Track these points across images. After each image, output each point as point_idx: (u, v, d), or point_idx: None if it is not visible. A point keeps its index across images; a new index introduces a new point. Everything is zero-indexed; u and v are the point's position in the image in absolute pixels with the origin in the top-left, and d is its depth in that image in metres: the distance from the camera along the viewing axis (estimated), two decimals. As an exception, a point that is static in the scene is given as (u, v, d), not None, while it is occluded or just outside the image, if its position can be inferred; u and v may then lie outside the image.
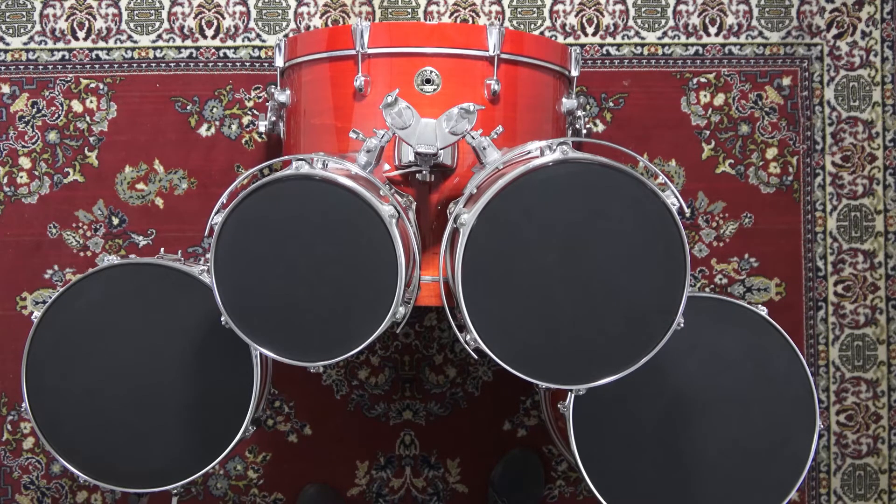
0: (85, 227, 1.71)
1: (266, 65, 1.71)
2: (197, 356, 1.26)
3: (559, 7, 1.72)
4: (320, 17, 1.72)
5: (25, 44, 1.71)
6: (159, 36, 1.71)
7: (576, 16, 1.72)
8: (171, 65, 1.71)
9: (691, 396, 1.28)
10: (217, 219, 1.07)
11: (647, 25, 1.72)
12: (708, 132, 1.72)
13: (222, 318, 1.08)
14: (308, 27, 1.72)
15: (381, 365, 1.73)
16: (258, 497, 1.73)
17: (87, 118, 1.71)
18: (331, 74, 1.33)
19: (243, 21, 1.72)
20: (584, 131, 1.55)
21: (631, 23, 1.72)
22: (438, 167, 1.22)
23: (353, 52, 1.27)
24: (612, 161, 1.04)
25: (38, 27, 1.71)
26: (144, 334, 1.27)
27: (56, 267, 1.71)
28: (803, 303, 1.73)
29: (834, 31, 1.73)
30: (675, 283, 1.06)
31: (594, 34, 1.72)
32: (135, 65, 1.71)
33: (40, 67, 1.71)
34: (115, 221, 1.71)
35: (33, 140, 1.71)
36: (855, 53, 1.73)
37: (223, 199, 1.14)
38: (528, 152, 1.14)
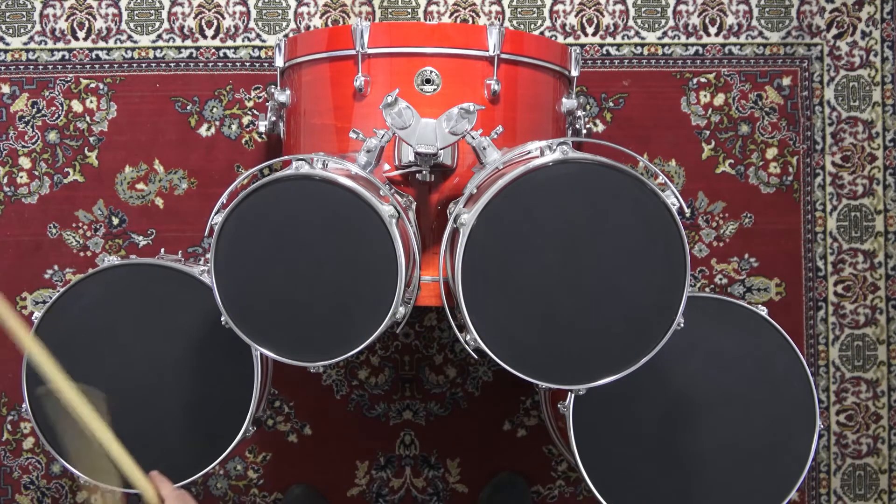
0: (85, 227, 1.71)
1: (266, 65, 1.71)
2: (197, 356, 1.26)
3: (559, 7, 1.72)
4: (320, 17, 1.72)
5: (25, 44, 1.71)
6: (159, 36, 1.71)
7: (576, 16, 1.72)
8: (171, 65, 1.71)
9: (691, 396, 1.28)
10: (217, 219, 1.07)
11: (647, 25, 1.72)
12: (708, 132, 1.72)
13: (222, 319, 1.08)
14: (308, 27, 1.72)
15: (381, 365, 1.73)
16: (258, 497, 1.73)
17: (87, 118, 1.71)
18: (331, 74, 1.33)
19: (243, 21, 1.72)
20: (584, 131, 1.55)
21: (631, 23, 1.72)
22: (438, 167, 1.22)
23: (353, 52, 1.27)
24: (612, 161, 1.04)
25: (38, 27, 1.71)
26: (145, 335, 1.27)
27: (56, 267, 1.71)
28: (803, 303, 1.73)
29: (834, 31, 1.73)
30: (675, 283, 1.06)
31: (594, 34, 1.72)
32: (135, 65, 1.71)
33: (40, 67, 1.71)
34: (115, 221, 1.71)
35: (33, 140, 1.71)
36: (855, 53, 1.73)
37: (223, 199, 1.14)
38: (528, 152, 1.14)
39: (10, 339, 1.68)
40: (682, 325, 1.06)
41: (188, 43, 1.72)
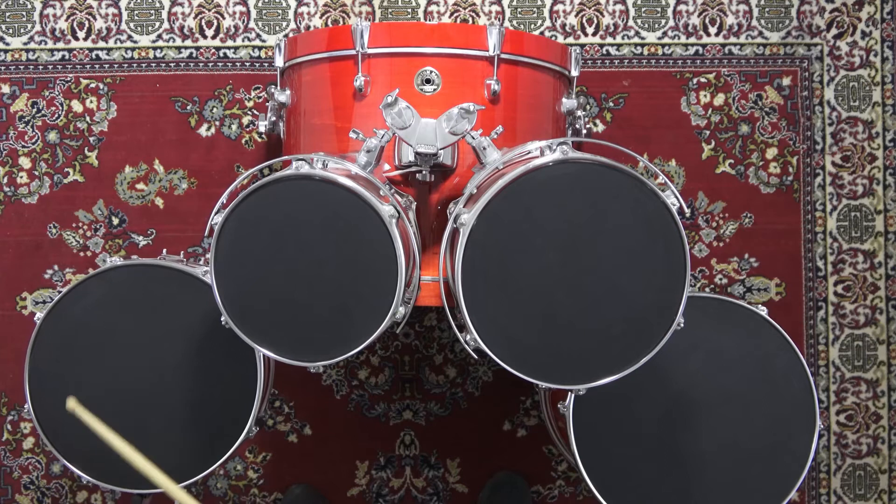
0: (85, 227, 1.71)
1: (266, 65, 1.71)
2: (200, 357, 1.26)
3: (559, 7, 1.72)
4: (320, 17, 1.72)
5: (25, 44, 1.71)
6: (159, 36, 1.71)
7: (576, 16, 1.72)
8: (171, 65, 1.71)
9: (691, 396, 1.28)
10: (217, 219, 1.07)
11: (647, 25, 1.72)
12: (708, 132, 1.72)
13: (222, 319, 1.08)
14: (308, 27, 1.72)
15: (381, 365, 1.73)
16: (258, 497, 1.73)
17: (87, 118, 1.71)
18: (331, 74, 1.33)
19: (243, 21, 1.72)
20: (584, 131, 1.55)
21: (631, 23, 1.72)
22: (438, 167, 1.22)
23: (353, 52, 1.28)
24: (612, 161, 1.04)
25: (38, 27, 1.71)
26: (147, 335, 1.27)
27: (56, 267, 1.71)
28: (803, 303, 1.73)
29: (834, 31, 1.73)
30: (675, 283, 1.06)
31: (594, 34, 1.72)
32: (135, 65, 1.71)
33: (40, 67, 1.71)
34: (115, 221, 1.71)
35: (33, 140, 1.71)
36: (855, 53, 1.73)
37: (223, 199, 1.14)
38: (528, 152, 1.14)
39: (9, 338, 1.69)
40: (682, 325, 1.06)
41: (188, 43, 1.72)
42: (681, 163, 1.72)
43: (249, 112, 1.72)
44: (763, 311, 1.30)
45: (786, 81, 1.72)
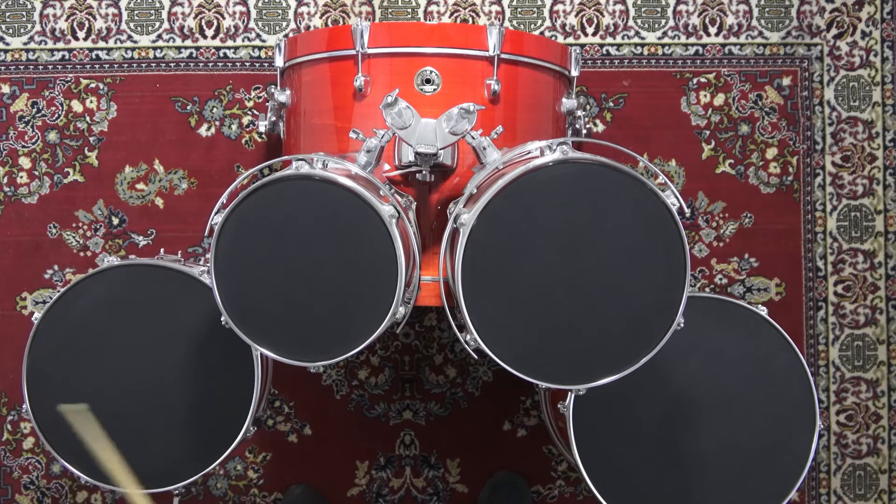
0: (85, 227, 1.71)
1: (266, 65, 1.71)
2: (198, 357, 1.26)
3: (559, 7, 1.72)
4: (320, 17, 1.72)
5: (25, 44, 1.71)
6: (159, 36, 1.71)
7: (576, 16, 1.72)
8: (171, 65, 1.71)
9: (691, 396, 1.28)
10: (217, 219, 1.07)
11: (647, 25, 1.72)
12: (708, 132, 1.72)
13: (222, 319, 1.08)
14: (308, 27, 1.72)
15: (381, 365, 1.73)
16: (258, 497, 1.73)
17: (87, 118, 1.71)
18: (331, 74, 1.33)
19: (243, 21, 1.72)
20: (584, 131, 1.55)
21: (631, 23, 1.72)
22: (438, 167, 1.22)
23: (353, 52, 1.28)
24: (612, 161, 1.04)
25: (38, 27, 1.71)
26: (145, 335, 1.27)
27: (56, 267, 1.71)
28: (803, 303, 1.73)
29: (834, 31, 1.73)
30: (675, 283, 1.06)
31: (594, 34, 1.72)
32: (135, 65, 1.71)
33: (40, 67, 1.71)
34: (115, 221, 1.71)
35: (33, 140, 1.71)
36: (855, 53, 1.72)
37: (223, 199, 1.14)
38: (528, 152, 1.14)
39: (9, 339, 1.69)
40: (682, 325, 1.07)
41: (188, 43, 1.72)
42: (681, 163, 1.72)
43: (249, 112, 1.72)
44: (763, 311, 1.30)
45: (786, 81, 1.72)
